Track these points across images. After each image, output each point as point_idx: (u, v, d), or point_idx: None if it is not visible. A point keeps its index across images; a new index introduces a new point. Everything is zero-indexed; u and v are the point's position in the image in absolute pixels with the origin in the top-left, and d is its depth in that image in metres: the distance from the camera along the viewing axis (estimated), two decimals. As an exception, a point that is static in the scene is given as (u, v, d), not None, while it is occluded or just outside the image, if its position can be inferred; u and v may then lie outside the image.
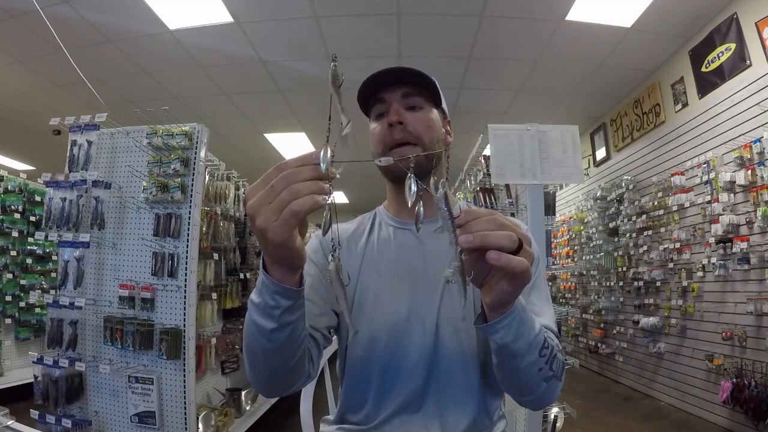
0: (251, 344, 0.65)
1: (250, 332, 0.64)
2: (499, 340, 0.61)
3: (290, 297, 0.59)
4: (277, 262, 0.57)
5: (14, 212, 3.75)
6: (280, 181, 0.50)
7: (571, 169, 2.02)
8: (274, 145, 6.19)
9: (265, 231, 0.50)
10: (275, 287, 0.58)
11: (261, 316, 0.61)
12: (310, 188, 0.49)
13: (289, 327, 0.62)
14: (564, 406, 2.13)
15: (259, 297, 0.60)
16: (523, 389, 0.71)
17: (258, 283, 0.61)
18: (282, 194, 0.49)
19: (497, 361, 0.69)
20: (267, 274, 0.58)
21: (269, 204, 0.50)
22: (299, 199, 0.49)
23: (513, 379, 0.70)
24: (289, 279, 0.58)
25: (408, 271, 0.84)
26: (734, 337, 2.97)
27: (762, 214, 2.75)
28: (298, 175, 0.50)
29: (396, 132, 0.81)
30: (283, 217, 0.49)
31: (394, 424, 0.80)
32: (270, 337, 0.62)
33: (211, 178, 2.69)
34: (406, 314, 0.81)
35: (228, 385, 2.94)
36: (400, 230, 0.89)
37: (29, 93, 4.59)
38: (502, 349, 0.63)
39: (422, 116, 0.84)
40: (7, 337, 3.75)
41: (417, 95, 0.84)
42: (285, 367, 0.68)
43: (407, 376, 0.80)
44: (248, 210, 0.51)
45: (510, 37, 3.59)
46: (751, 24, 2.96)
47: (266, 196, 0.50)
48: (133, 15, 3.29)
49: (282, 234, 0.50)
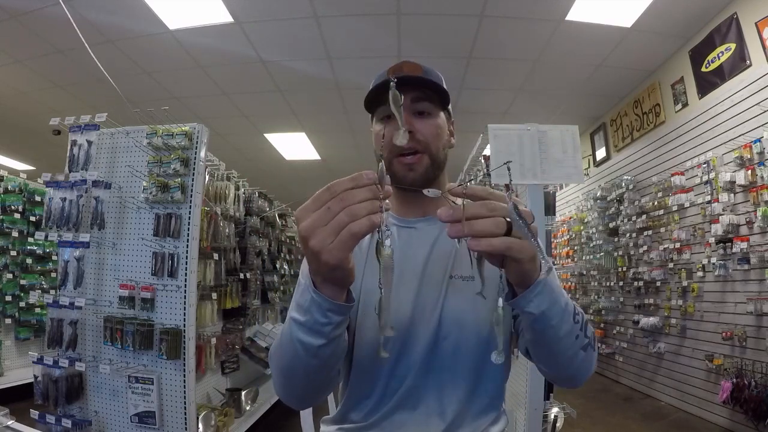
0: (291, 363, 0.65)
1: (291, 351, 0.64)
2: (535, 309, 0.61)
3: (343, 313, 0.60)
4: (330, 281, 0.57)
5: (14, 212, 3.75)
6: (336, 202, 0.50)
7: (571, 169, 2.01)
8: (274, 145, 6.20)
9: (320, 253, 0.51)
10: (328, 305, 0.58)
11: (308, 334, 0.61)
12: (367, 209, 0.50)
13: (335, 341, 0.63)
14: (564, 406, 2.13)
15: (305, 315, 0.60)
16: (563, 363, 0.70)
17: (303, 302, 0.60)
18: (339, 216, 0.50)
19: (534, 336, 0.68)
20: (318, 292, 0.58)
21: (325, 226, 0.50)
22: (357, 221, 0.49)
23: (552, 354, 0.69)
24: (340, 296, 0.59)
25: (412, 269, 0.83)
26: (734, 337, 2.97)
27: (762, 214, 2.75)
28: (355, 197, 0.50)
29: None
30: (342, 239, 0.50)
31: (394, 420, 0.80)
32: (317, 353, 0.62)
33: (211, 178, 2.69)
34: (411, 312, 0.81)
35: (228, 385, 2.94)
36: (404, 229, 0.89)
37: (29, 93, 4.60)
38: (539, 321, 0.63)
39: (430, 123, 0.83)
40: (7, 337, 3.75)
41: (426, 99, 0.83)
42: (325, 380, 0.69)
43: (411, 374, 0.80)
44: (302, 231, 0.52)
45: (510, 37, 3.59)
46: (751, 24, 2.96)
47: (321, 217, 0.51)
48: (133, 15, 3.29)
49: (339, 255, 0.51)
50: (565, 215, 5.82)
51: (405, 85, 0.81)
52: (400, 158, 0.81)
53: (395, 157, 0.82)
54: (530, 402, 1.94)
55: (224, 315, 2.95)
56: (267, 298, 3.60)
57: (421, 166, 0.82)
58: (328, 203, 0.51)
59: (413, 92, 0.82)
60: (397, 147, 0.79)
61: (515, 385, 2.06)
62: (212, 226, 2.61)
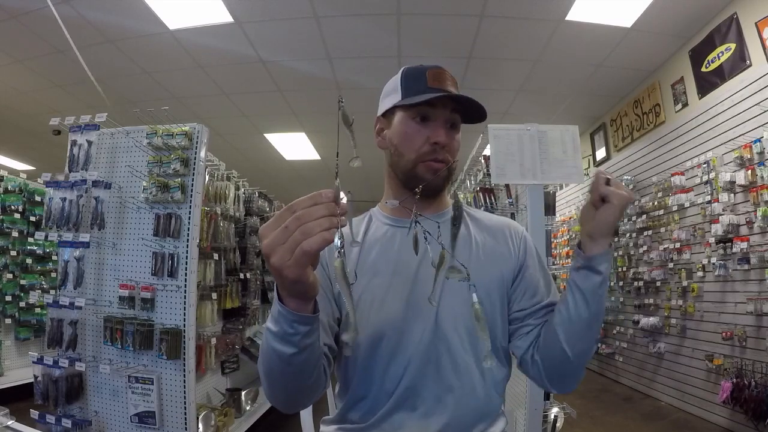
0: (271, 369, 0.68)
1: (268, 358, 0.67)
2: (605, 270, 0.74)
3: (308, 323, 0.62)
4: (293, 295, 0.60)
5: (14, 212, 3.75)
6: (293, 221, 0.53)
7: (571, 169, 2.01)
8: (274, 145, 6.19)
9: (281, 269, 0.54)
10: (293, 316, 0.61)
11: (280, 343, 0.63)
12: (321, 225, 0.53)
13: (307, 350, 0.65)
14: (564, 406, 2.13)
15: (276, 326, 0.63)
16: (590, 342, 0.79)
17: (274, 313, 0.63)
18: (294, 234, 0.53)
19: (577, 310, 0.75)
20: (283, 304, 0.61)
21: (282, 244, 0.53)
22: (310, 239, 0.52)
23: (590, 328, 0.77)
24: (305, 307, 0.62)
25: (406, 268, 0.84)
26: (734, 337, 2.97)
27: (762, 214, 2.75)
28: (311, 215, 0.53)
29: (438, 152, 0.83)
30: (296, 256, 0.53)
31: (393, 421, 0.80)
32: (290, 361, 0.65)
33: (211, 178, 2.69)
34: (405, 312, 0.81)
35: (228, 385, 2.94)
36: (398, 229, 0.89)
37: (29, 93, 4.59)
38: (600, 287, 0.75)
39: (457, 137, 0.88)
40: (7, 337, 3.74)
41: (459, 113, 0.87)
42: (304, 385, 0.71)
43: (408, 374, 0.80)
44: (264, 249, 0.55)
45: (510, 37, 3.59)
46: (751, 24, 2.96)
47: (280, 236, 0.53)
48: (133, 15, 3.29)
49: (296, 272, 0.54)
50: (565, 215, 5.82)
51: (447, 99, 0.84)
52: (428, 162, 0.84)
53: (422, 161, 0.84)
54: (530, 402, 1.94)
55: (224, 315, 2.95)
56: (267, 298, 3.60)
57: (442, 174, 0.86)
58: (286, 221, 0.53)
59: (452, 104, 0.84)
60: (428, 152, 0.83)
61: (515, 385, 2.06)
62: (212, 226, 2.61)
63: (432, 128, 0.83)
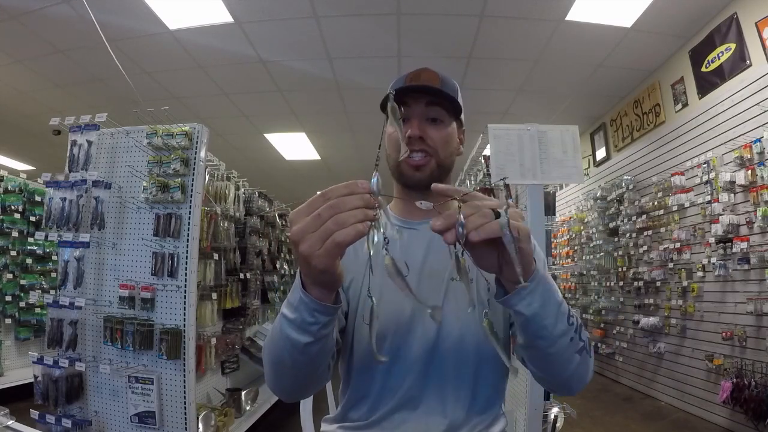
0: (281, 356, 0.67)
1: (281, 346, 0.65)
2: (526, 308, 0.61)
3: (330, 314, 0.61)
4: (318, 285, 0.59)
5: (14, 212, 3.75)
6: (326, 210, 0.51)
7: (571, 169, 2.02)
8: (274, 145, 6.20)
9: (309, 258, 0.52)
10: (315, 305, 0.59)
11: (296, 331, 0.62)
12: (355, 217, 0.50)
13: (322, 340, 0.64)
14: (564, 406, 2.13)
15: (294, 313, 0.61)
16: (557, 367, 0.69)
17: (293, 300, 0.62)
18: (327, 224, 0.51)
19: (527, 339, 0.67)
20: (306, 292, 0.59)
21: (313, 232, 0.51)
22: (343, 230, 0.50)
23: (546, 357, 0.68)
24: (328, 297, 0.60)
25: (412, 268, 0.84)
26: (734, 337, 2.97)
27: (762, 214, 2.75)
28: (345, 205, 0.51)
29: (415, 144, 0.82)
30: (327, 246, 0.51)
31: (394, 420, 0.80)
32: (304, 350, 0.63)
33: (211, 178, 2.69)
34: (410, 311, 0.81)
35: (228, 385, 2.94)
36: (406, 230, 0.89)
37: (29, 93, 4.59)
38: (531, 321, 0.62)
39: (441, 130, 0.85)
40: (7, 337, 3.74)
41: (439, 105, 0.85)
42: (313, 375, 0.71)
43: (410, 373, 0.80)
44: (293, 236, 0.53)
45: (510, 37, 3.59)
46: (751, 24, 2.96)
47: (311, 224, 0.51)
48: (133, 15, 3.29)
49: (325, 262, 0.52)
50: (565, 215, 5.82)
51: (420, 92, 0.83)
52: (407, 159, 0.83)
53: (403, 159, 0.82)
54: (530, 402, 1.94)
55: (224, 315, 2.95)
56: (267, 298, 3.60)
57: (428, 168, 0.84)
58: (319, 209, 0.52)
59: (427, 98, 0.84)
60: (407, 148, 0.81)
61: (515, 385, 2.06)
62: (212, 226, 2.61)
63: (408, 125, 0.83)
